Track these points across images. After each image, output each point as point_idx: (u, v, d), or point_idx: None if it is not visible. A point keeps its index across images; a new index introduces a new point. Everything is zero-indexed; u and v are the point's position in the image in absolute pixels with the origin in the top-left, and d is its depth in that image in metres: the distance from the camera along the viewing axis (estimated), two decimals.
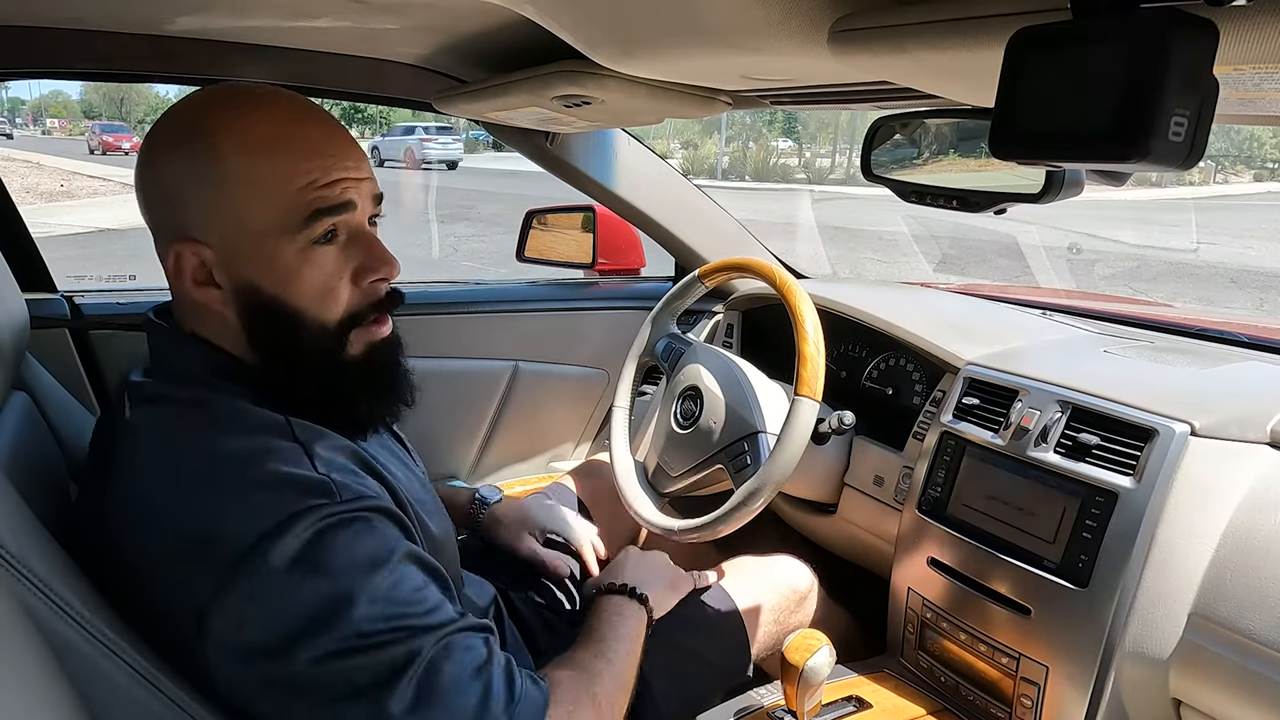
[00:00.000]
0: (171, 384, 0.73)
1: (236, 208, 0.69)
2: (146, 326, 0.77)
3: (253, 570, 0.62)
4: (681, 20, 0.72)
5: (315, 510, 0.64)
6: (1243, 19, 0.42)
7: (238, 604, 0.62)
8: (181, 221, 0.71)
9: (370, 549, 0.65)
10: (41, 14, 1.09)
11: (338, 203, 0.71)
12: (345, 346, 0.75)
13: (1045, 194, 0.84)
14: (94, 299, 1.37)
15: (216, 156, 0.68)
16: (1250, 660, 0.82)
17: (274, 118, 0.71)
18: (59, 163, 18.48)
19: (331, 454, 0.70)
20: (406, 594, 0.65)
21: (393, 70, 1.37)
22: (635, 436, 1.35)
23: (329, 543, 0.63)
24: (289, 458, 0.67)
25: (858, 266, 8.67)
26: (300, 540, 0.62)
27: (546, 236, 1.93)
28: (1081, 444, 0.98)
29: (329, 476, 0.67)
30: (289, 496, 0.64)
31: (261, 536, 0.62)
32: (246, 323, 0.72)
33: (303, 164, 0.69)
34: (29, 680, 0.52)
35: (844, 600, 1.36)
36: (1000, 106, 0.48)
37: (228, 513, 0.64)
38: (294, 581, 0.62)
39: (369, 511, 0.67)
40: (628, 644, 0.88)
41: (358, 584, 0.63)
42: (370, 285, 0.74)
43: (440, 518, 0.86)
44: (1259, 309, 7.44)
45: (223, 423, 0.69)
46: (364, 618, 0.62)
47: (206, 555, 0.63)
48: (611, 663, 0.83)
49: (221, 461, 0.66)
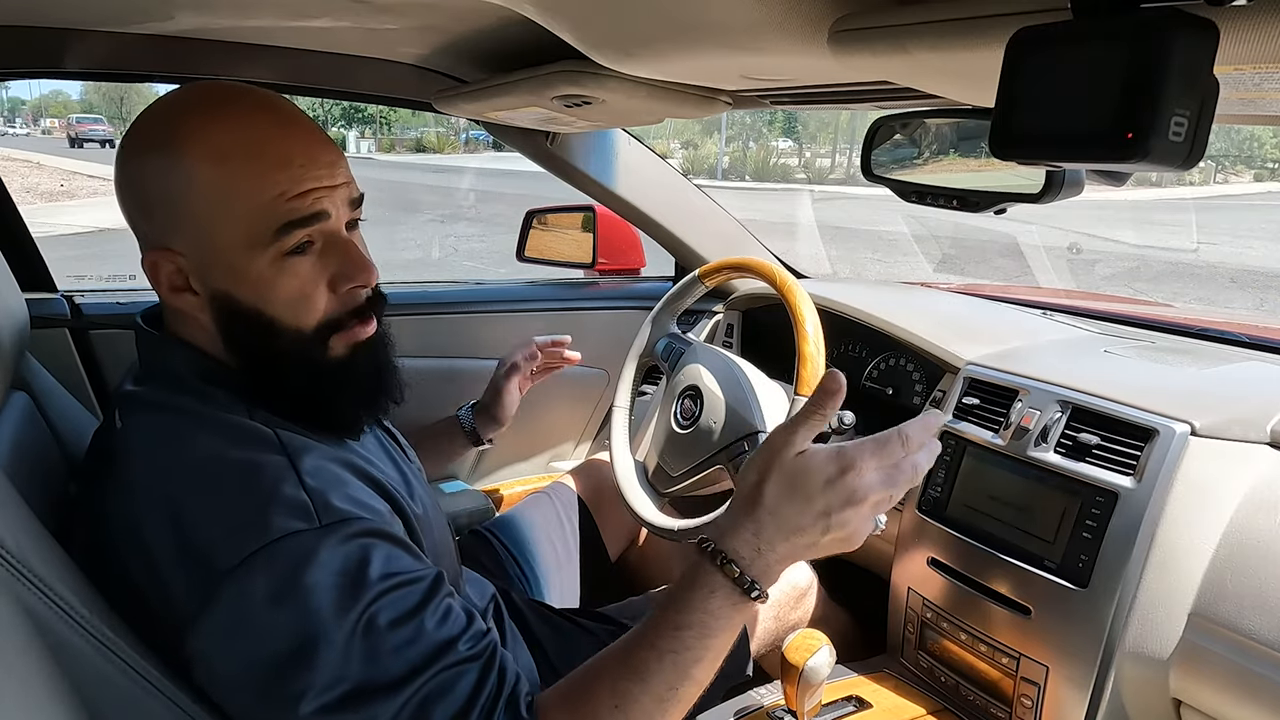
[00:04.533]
0: (161, 391, 0.73)
1: (206, 219, 0.67)
2: (135, 331, 0.76)
3: (234, 593, 0.61)
4: (681, 20, 0.72)
5: (299, 535, 0.62)
6: (1243, 19, 0.42)
7: (216, 626, 0.61)
8: (155, 229, 0.70)
9: (353, 577, 0.63)
10: (41, 14, 1.09)
11: (309, 214, 0.69)
12: (327, 350, 0.73)
13: (1045, 194, 0.84)
14: (94, 299, 1.37)
15: (185, 166, 0.67)
16: (1250, 660, 0.82)
17: (244, 125, 0.69)
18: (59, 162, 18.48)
19: (320, 465, 0.68)
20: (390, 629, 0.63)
21: (393, 70, 1.37)
22: (635, 436, 1.35)
23: (312, 569, 0.61)
24: (277, 474, 0.66)
25: (858, 266, 8.67)
26: (283, 565, 0.61)
27: (547, 236, 1.93)
28: (1082, 444, 0.98)
29: (314, 497, 0.65)
30: (275, 518, 0.63)
31: (245, 559, 0.61)
32: (223, 329, 0.71)
33: (271, 175, 0.67)
34: (29, 680, 0.52)
35: (844, 600, 1.36)
36: (1000, 106, 0.48)
37: (213, 532, 0.63)
38: (273, 610, 0.60)
39: (356, 536, 0.65)
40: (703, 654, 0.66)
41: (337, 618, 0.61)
42: (348, 293, 0.73)
43: (436, 513, 0.86)
44: (1259, 309, 7.44)
45: (211, 435, 0.68)
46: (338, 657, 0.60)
47: (190, 573, 0.62)
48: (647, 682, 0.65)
49: (209, 478, 0.65)
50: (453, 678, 0.64)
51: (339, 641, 0.61)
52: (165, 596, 0.63)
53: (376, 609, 0.63)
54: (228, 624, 0.61)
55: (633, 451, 1.32)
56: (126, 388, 0.75)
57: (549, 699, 0.69)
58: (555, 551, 1.33)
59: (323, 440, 0.73)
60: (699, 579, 0.66)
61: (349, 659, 0.61)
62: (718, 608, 0.65)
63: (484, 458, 1.75)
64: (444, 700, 0.63)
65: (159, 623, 0.64)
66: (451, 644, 0.65)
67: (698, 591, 0.66)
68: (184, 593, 0.62)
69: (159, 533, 0.64)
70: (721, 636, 0.66)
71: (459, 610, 0.69)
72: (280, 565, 0.61)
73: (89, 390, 1.32)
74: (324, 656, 0.60)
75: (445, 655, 0.64)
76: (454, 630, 0.66)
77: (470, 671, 0.65)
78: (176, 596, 0.62)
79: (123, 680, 0.60)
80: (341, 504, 0.66)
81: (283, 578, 0.61)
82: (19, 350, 0.84)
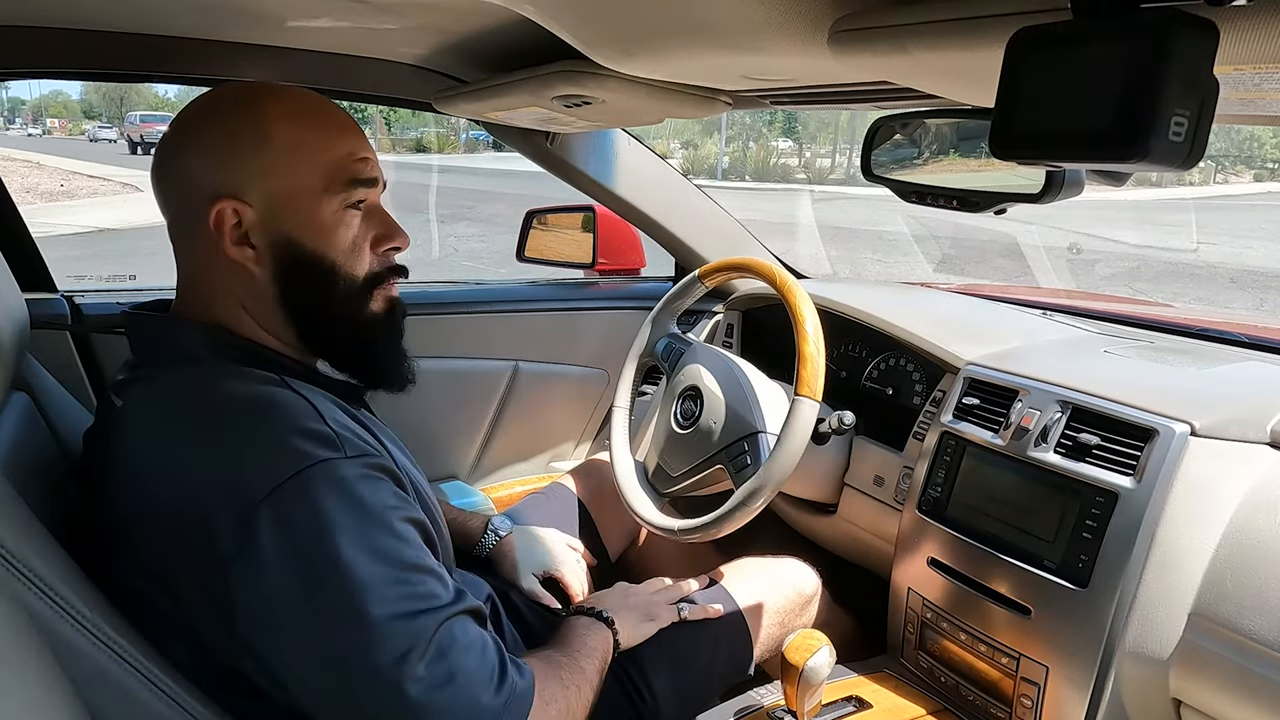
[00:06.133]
0: (163, 368, 0.76)
1: (283, 167, 0.75)
2: (130, 319, 0.79)
3: (271, 519, 0.63)
4: (681, 20, 0.72)
5: (328, 462, 0.66)
6: (1243, 19, 0.42)
7: (258, 556, 0.63)
8: (223, 180, 0.75)
9: (380, 501, 0.68)
10: (41, 14, 1.09)
11: (369, 177, 0.79)
12: (369, 302, 0.82)
13: (1045, 194, 0.84)
14: (94, 299, 1.37)
15: (265, 123, 0.75)
16: (1250, 660, 0.82)
17: (308, 97, 0.79)
18: (59, 162, 18.49)
19: (335, 414, 0.72)
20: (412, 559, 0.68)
21: (393, 70, 1.37)
22: (635, 436, 1.35)
23: (343, 492, 0.65)
24: (297, 409, 0.70)
25: (858, 266, 8.67)
26: (317, 489, 0.64)
27: (547, 236, 1.93)
28: (1082, 444, 0.98)
29: (338, 431, 0.69)
30: (305, 446, 0.66)
31: (276, 488, 0.63)
32: (281, 278, 0.77)
33: (341, 136, 0.78)
34: (29, 680, 0.52)
35: (845, 601, 1.36)
36: (1000, 106, 0.48)
37: (242, 463, 0.66)
38: (309, 537, 0.63)
39: (376, 469, 0.69)
40: (593, 659, 0.90)
41: (372, 538, 0.65)
42: (385, 253, 0.83)
43: (436, 512, 0.87)
44: (1259, 309, 7.44)
45: (227, 381, 0.71)
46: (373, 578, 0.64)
47: (225, 508, 0.64)
48: (581, 668, 0.86)
49: (229, 413, 0.69)
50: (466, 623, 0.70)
51: (373, 560, 0.65)
52: (204, 542, 0.64)
53: (402, 534, 0.68)
54: (270, 554, 0.63)
55: (633, 451, 1.32)
56: (120, 376, 0.78)
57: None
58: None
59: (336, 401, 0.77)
60: (593, 626, 0.95)
61: (384, 579, 0.65)
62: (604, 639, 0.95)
63: (484, 458, 1.75)
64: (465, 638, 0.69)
65: (197, 577, 0.65)
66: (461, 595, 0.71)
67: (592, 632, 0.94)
68: (222, 533, 0.64)
69: (186, 483, 0.66)
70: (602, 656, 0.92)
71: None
72: (314, 489, 0.64)
73: (89, 390, 1.32)
74: (361, 577, 0.64)
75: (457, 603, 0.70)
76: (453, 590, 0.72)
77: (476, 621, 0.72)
78: (215, 539, 0.64)
79: (123, 678, 0.60)
80: (361, 442, 0.71)
81: (317, 501, 0.64)
82: (19, 351, 0.84)
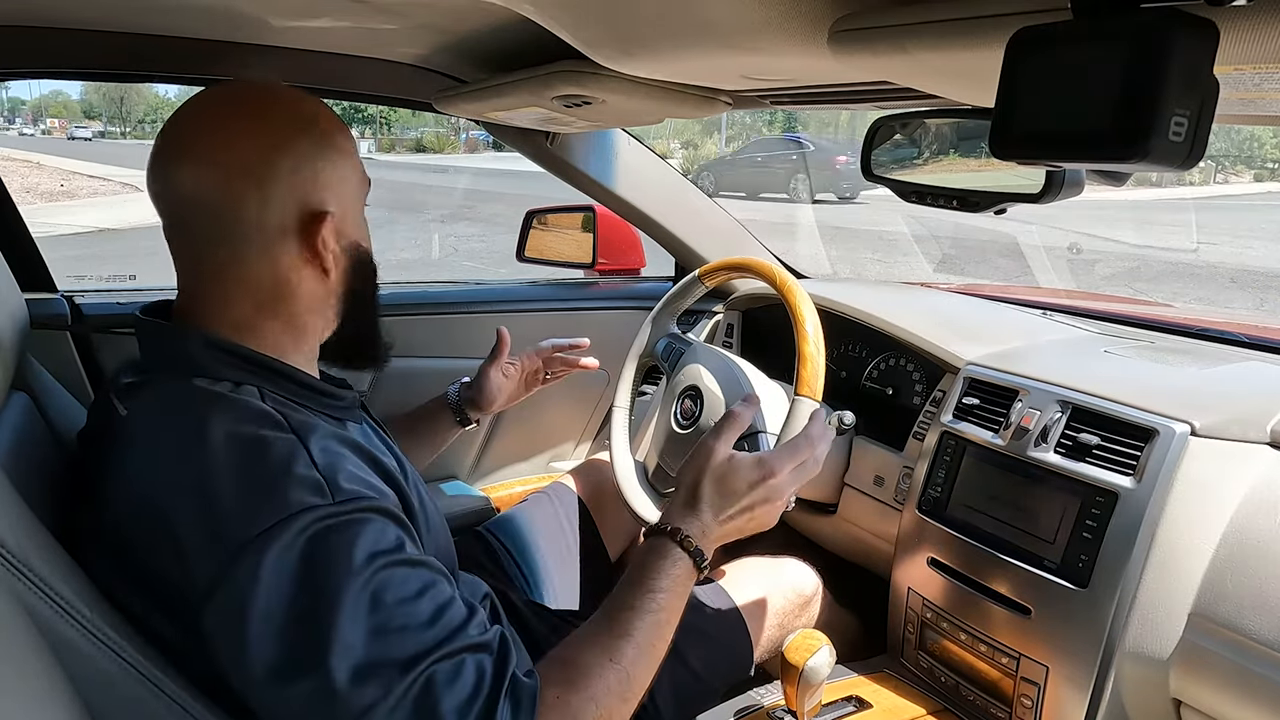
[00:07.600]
0: (168, 377, 0.74)
1: (347, 174, 0.79)
2: (138, 323, 0.78)
3: (250, 565, 0.62)
4: (681, 20, 0.72)
5: (314, 510, 0.64)
6: (1243, 19, 0.42)
7: (232, 598, 0.62)
8: (306, 197, 0.76)
9: (364, 550, 0.65)
10: (41, 14, 1.09)
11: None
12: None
13: (1045, 194, 0.84)
14: (94, 299, 1.37)
15: (329, 134, 0.78)
16: (1250, 660, 0.82)
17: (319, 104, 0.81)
18: (59, 162, 18.49)
19: (326, 445, 0.71)
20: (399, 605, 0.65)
21: (393, 70, 1.37)
22: (635, 436, 1.35)
23: (326, 543, 0.63)
24: (290, 451, 0.68)
25: (858, 266, 8.66)
26: (299, 538, 0.63)
27: (547, 236, 1.93)
28: (1082, 444, 0.98)
29: (326, 475, 0.68)
30: (291, 493, 0.65)
31: (263, 532, 0.62)
32: (349, 281, 0.80)
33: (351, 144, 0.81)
34: (29, 680, 0.52)
35: (845, 601, 1.36)
36: (1000, 106, 0.48)
37: (230, 506, 0.64)
38: (287, 585, 0.62)
39: (365, 512, 0.67)
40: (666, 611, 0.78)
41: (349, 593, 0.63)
42: None
43: (435, 510, 0.87)
44: (1259, 309, 7.43)
45: (224, 413, 0.70)
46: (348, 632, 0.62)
47: (206, 548, 0.63)
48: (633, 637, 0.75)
49: (225, 454, 0.67)
50: (458, 665, 0.65)
51: (349, 616, 0.62)
52: (181, 571, 0.64)
53: (384, 583, 0.64)
54: (243, 596, 0.62)
55: (633, 451, 1.32)
56: (126, 380, 0.76)
57: (544, 673, 0.71)
58: (555, 552, 1.32)
59: (326, 420, 0.76)
60: (664, 552, 0.80)
61: (357, 635, 0.62)
62: (681, 574, 0.79)
63: (484, 458, 1.75)
64: (451, 686, 0.64)
65: (173, 600, 0.64)
66: (460, 630, 0.67)
67: (664, 561, 0.79)
68: (200, 567, 0.63)
69: (174, 508, 0.65)
70: (681, 599, 0.79)
71: (460, 600, 0.70)
72: (296, 538, 0.63)
73: (89, 391, 1.32)
74: (334, 631, 0.61)
75: (453, 640, 0.66)
76: (458, 617, 0.68)
77: (474, 659, 0.67)
78: (192, 571, 0.63)
79: (124, 679, 0.60)
80: (349, 484, 0.69)
81: (298, 551, 0.63)
82: (19, 351, 0.84)
